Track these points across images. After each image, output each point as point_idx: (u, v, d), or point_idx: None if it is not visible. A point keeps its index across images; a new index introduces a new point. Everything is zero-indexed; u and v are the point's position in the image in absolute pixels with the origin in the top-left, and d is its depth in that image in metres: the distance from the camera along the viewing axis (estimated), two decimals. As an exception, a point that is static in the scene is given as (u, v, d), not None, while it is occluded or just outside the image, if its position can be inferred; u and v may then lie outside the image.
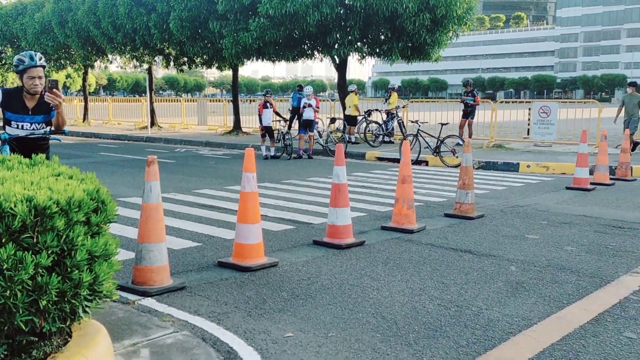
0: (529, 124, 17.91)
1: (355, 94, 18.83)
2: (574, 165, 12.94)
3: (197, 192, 10.01)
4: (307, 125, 16.08)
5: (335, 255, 6.00)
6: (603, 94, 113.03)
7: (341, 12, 17.49)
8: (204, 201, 9.10)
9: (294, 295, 4.78)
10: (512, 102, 27.48)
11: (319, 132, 16.95)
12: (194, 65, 24.91)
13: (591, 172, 11.39)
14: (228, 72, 26.62)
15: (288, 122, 16.85)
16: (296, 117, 17.34)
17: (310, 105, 15.99)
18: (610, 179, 11.56)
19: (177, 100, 33.69)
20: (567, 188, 10.69)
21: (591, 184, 10.90)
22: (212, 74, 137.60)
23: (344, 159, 6.36)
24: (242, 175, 5.56)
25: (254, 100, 38.35)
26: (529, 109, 17.77)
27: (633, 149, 14.73)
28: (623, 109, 16.05)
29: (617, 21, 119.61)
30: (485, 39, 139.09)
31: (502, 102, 22.41)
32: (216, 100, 33.65)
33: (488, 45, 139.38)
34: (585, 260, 5.84)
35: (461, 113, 17.86)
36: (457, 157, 14.22)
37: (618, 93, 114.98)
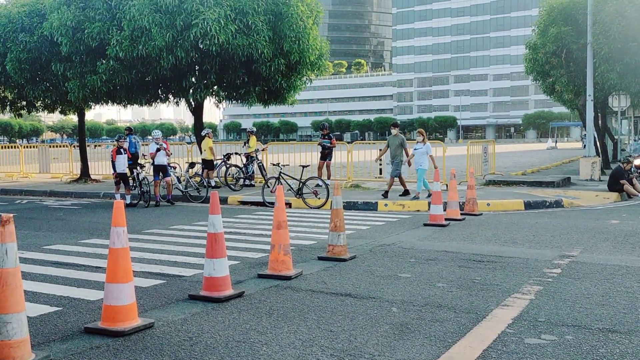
0: (381, 164, 18.77)
1: (209, 138, 18.56)
2: (426, 203, 13.77)
3: (48, 248, 9.10)
4: (161, 171, 15.46)
5: (215, 309, 5.68)
6: (437, 134, 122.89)
7: (196, 56, 17.27)
8: (58, 258, 8.27)
9: None
10: (367, 143, 28.80)
11: (177, 177, 16.39)
12: (34, 110, 23.07)
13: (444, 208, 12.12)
14: (69, 116, 25.04)
15: (141, 166, 16.10)
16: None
17: (159, 150, 15.39)
18: (461, 214, 12.38)
19: (14, 146, 30.93)
20: (425, 224, 11.25)
21: (445, 219, 11.59)
22: (50, 118, 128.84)
23: (219, 207, 6.11)
24: (110, 230, 5.08)
25: (99, 145, 36.44)
26: (380, 149, 18.64)
27: (404, 194, 15.04)
28: (388, 149, 15.67)
29: (445, 68, 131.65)
30: (330, 83, 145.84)
31: (357, 143, 23.36)
32: (58, 146, 31.39)
33: (333, 90, 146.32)
34: (458, 296, 6.09)
35: (319, 155, 18.29)
36: (319, 198, 14.47)
37: (450, 133, 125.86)
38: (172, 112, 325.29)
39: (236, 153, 19.47)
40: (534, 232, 10.24)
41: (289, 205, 14.67)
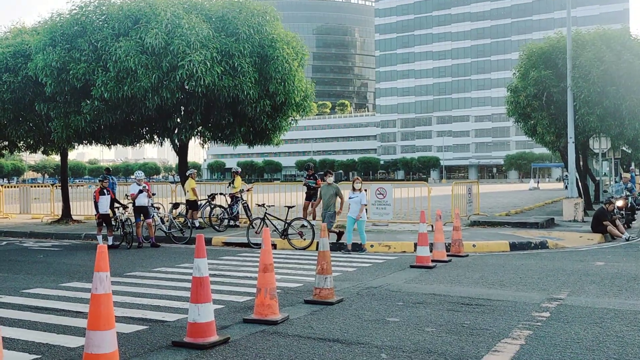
0: (365, 205, 18.69)
1: (193, 178, 18.48)
2: (412, 244, 13.74)
3: (27, 292, 8.85)
4: (142, 212, 15.28)
5: (199, 357, 5.52)
6: (421, 174, 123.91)
7: (182, 96, 17.32)
8: (38, 303, 8.03)
9: (161, 410, 4.24)
10: (351, 183, 28.78)
11: (161, 217, 16.21)
12: (16, 149, 22.85)
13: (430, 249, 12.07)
14: (52, 155, 24.82)
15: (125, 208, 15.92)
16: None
17: (141, 191, 15.26)
18: (447, 255, 12.33)
19: (-6, 186, 30.45)
20: (412, 266, 11.17)
21: (432, 261, 11.53)
22: (32, 157, 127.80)
23: (205, 250, 6.00)
24: (93, 276, 4.94)
25: (82, 185, 36.08)
26: (365, 189, 18.64)
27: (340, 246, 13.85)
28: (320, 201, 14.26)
29: (427, 109, 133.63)
30: (315, 123, 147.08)
31: (342, 183, 23.32)
32: (40, 186, 31.00)
33: (318, 130, 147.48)
34: (447, 341, 5.99)
35: (304, 195, 18.24)
36: (304, 239, 14.36)
37: (433, 173, 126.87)
38: (156, 151, 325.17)
39: (221, 193, 19.36)
40: (520, 274, 10.20)
41: (274, 246, 14.53)
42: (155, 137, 20.12)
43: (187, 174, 18.40)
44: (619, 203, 18.08)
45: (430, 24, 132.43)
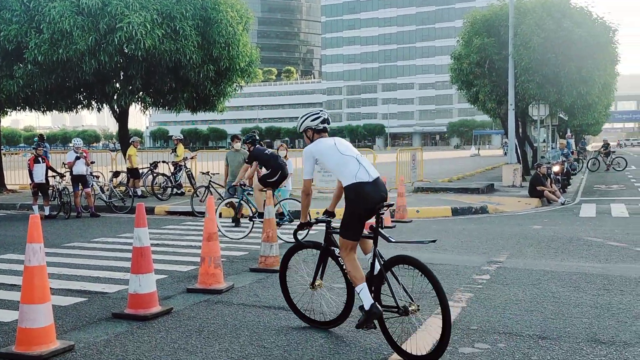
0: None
1: (135, 147, 17.94)
2: (358, 210, 13.82)
3: (-44, 265, 8.44)
4: (80, 181, 14.77)
5: (141, 328, 5.38)
6: (366, 141, 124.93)
7: (121, 60, 16.67)
8: (-32, 276, 7.67)
9: (101, 384, 4.12)
10: (299, 150, 28.67)
11: (100, 187, 15.72)
12: (-58, 116, 21.58)
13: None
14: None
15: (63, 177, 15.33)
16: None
17: (78, 159, 14.72)
18: (392, 221, 12.48)
19: None
20: (357, 233, 11.22)
21: (377, 227, 11.62)
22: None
23: (146, 219, 5.80)
24: (26, 247, 4.71)
25: (17, 154, 34.69)
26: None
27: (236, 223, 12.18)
28: (228, 169, 12.75)
29: (373, 77, 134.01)
30: (260, 90, 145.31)
31: (289, 150, 23.16)
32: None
33: (263, 97, 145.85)
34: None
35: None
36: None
37: (379, 141, 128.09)
38: (95, 118, 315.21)
39: (163, 161, 18.91)
40: (462, 238, 10.44)
41: (219, 215, 14.33)
42: (94, 102, 19.40)
43: (129, 142, 17.85)
44: (556, 168, 18.71)
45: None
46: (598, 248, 9.25)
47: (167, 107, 19.26)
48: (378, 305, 4.61)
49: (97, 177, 15.86)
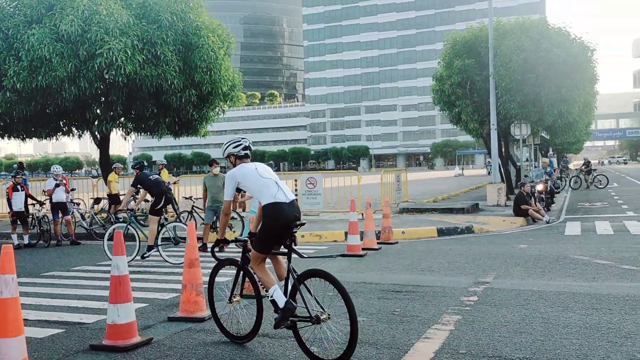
0: (296, 195, 18.61)
1: (116, 173, 17.73)
2: (342, 233, 13.72)
3: None
4: (60, 208, 14.52)
5: (119, 360, 5.19)
6: (351, 163, 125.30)
7: (101, 86, 16.53)
8: (-60, 310, 7.39)
9: (75, 421, 3.92)
10: (283, 173, 28.60)
11: (81, 214, 15.46)
12: None
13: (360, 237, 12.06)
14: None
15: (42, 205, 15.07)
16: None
17: (58, 186, 14.49)
18: (377, 243, 12.37)
19: None
20: (342, 255, 11.11)
21: (362, 249, 11.52)
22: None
23: (124, 247, 5.64)
24: (-3, 279, 4.52)
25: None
26: (296, 180, 18.53)
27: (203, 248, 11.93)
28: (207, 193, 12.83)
29: (356, 99, 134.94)
30: (244, 114, 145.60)
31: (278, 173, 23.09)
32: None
33: (247, 121, 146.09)
34: (379, 330, 5.92)
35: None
36: (233, 231, 14.04)
37: (363, 162, 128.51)
38: (78, 145, 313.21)
39: (146, 187, 18.64)
40: (448, 259, 10.35)
41: (200, 240, 14.14)
42: (74, 129, 19.16)
43: (112, 168, 17.62)
44: (539, 187, 18.78)
45: (357, 14, 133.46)
46: (584, 266, 9.20)
47: (149, 133, 19.09)
48: (292, 301, 5.05)
49: (78, 204, 15.62)
